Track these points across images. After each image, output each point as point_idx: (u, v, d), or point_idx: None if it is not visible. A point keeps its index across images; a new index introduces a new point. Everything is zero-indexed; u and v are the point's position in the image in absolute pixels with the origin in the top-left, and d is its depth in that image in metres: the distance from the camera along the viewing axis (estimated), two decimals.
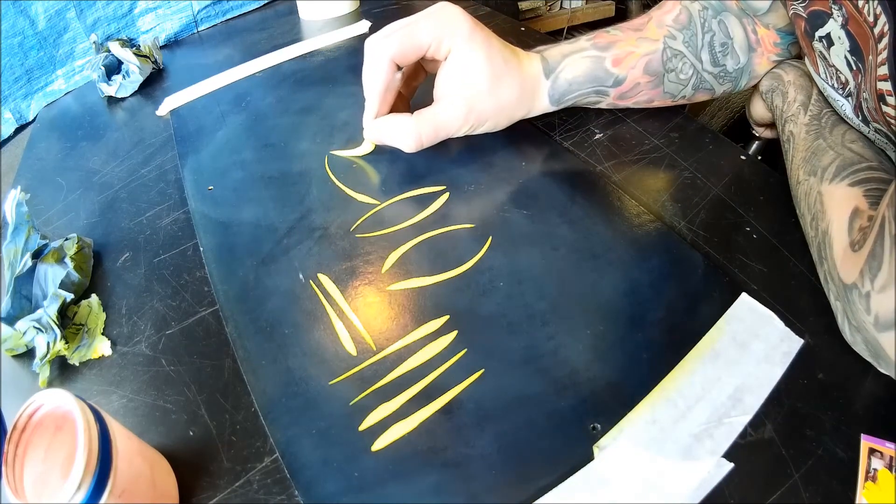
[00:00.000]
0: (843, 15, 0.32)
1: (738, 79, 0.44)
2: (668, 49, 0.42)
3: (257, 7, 0.76)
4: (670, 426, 0.27)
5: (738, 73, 0.43)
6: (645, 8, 1.47)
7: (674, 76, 0.42)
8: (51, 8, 0.60)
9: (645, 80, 0.42)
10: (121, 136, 0.54)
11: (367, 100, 0.41)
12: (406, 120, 0.40)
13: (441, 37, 0.38)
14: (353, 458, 0.27)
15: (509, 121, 0.43)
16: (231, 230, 0.40)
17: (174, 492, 0.26)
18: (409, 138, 0.40)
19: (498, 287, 0.34)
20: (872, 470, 0.25)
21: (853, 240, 0.29)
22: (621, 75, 0.42)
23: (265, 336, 0.33)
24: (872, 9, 0.29)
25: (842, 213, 0.31)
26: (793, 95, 0.40)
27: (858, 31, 0.31)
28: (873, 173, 0.32)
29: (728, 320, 0.32)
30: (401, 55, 0.38)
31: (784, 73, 0.42)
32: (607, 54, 0.41)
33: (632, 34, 0.42)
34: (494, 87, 0.39)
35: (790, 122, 0.39)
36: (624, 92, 0.43)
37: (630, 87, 0.43)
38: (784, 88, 0.41)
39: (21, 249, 0.37)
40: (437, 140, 0.41)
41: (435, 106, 0.40)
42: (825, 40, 0.35)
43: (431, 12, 0.38)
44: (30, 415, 0.22)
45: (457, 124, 0.40)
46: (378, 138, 0.43)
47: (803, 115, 0.39)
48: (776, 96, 0.42)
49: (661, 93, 0.44)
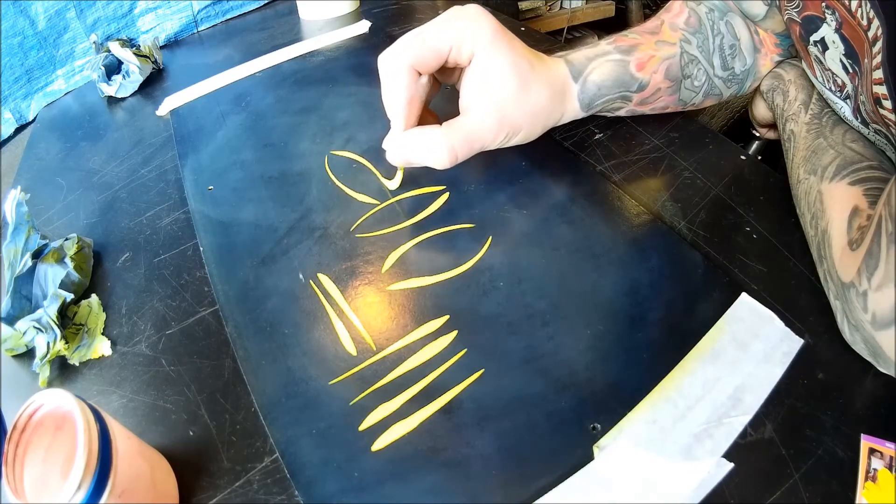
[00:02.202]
0: (837, 19, 0.32)
1: (744, 81, 0.44)
2: (686, 54, 0.41)
3: (257, 7, 0.76)
4: (670, 426, 0.27)
5: (744, 75, 0.43)
6: (645, 8, 1.48)
7: (689, 83, 0.42)
8: (51, 8, 0.60)
9: (665, 85, 0.41)
10: (121, 136, 0.54)
11: (392, 117, 0.36)
12: (436, 132, 0.36)
13: (461, 41, 0.35)
14: (353, 458, 0.27)
15: (543, 128, 0.40)
16: (231, 230, 0.40)
17: (174, 492, 0.26)
18: (441, 152, 0.36)
19: (498, 287, 0.34)
20: (872, 470, 0.25)
21: (852, 238, 0.29)
22: (645, 80, 0.41)
23: (265, 336, 0.33)
24: (865, 12, 0.29)
25: (841, 211, 0.31)
26: (793, 94, 0.40)
27: (853, 34, 0.31)
28: (873, 172, 0.32)
29: (728, 320, 0.32)
30: (419, 60, 0.34)
31: (785, 72, 0.42)
32: (631, 58, 0.40)
33: (650, 38, 0.41)
34: (524, 93, 0.36)
35: (791, 120, 0.39)
36: (645, 98, 0.42)
37: (651, 93, 0.42)
38: (785, 87, 0.41)
39: (21, 249, 0.37)
40: (471, 153, 0.37)
41: (464, 116, 0.37)
42: (819, 45, 0.35)
43: (451, 14, 0.35)
44: (30, 415, 0.22)
45: (491, 134, 0.36)
46: (405, 158, 0.37)
47: (804, 113, 0.39)
48: (777, 95, 0.42)
49: (676, 100, 0.43)
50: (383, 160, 0.44)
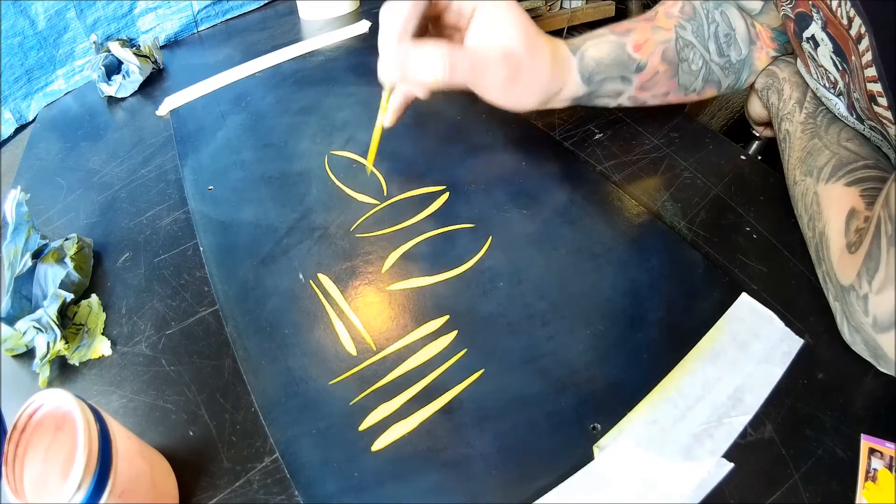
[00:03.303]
0: (822, 18, 0.32)
1: (740, 71, 0.44)
2: (681, 39, 0.42)
3: (257, 7, 0.76)
4: (670, 426, 0.27)
5: (740, 65, 0.43)
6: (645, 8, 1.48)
7: (686, 66, 0.42)
8: (51, 8, 0.60)
9: (663, 68, 0.42)
10: (121, 136, 0.54)
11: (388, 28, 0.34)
12: (439, 42, 0.34)
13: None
14: (353, 458, 0.27)
15: (542, 93, 0.39)
16: (231, 230, 0.40)
17: (174, 492, 0.26)
18: (440, 62, 0.34)
19: (498, 287, 0.34)
20: (872, 470, 0.25)
21: (850, 241, 0.29)
22: (642, 61, 0.41)
23: (265, 336, 0.33)
24: (846, 12, 0.29)
25: (838, 213, 0.31)
26: (788, 93, 0.40)
27: (837, 33, 0.31)
28: (870, 172, 0.32)
29: (728, 320, 0.32)
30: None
31: (779, 70, 0.42)
32: (627, 39, 0.41)
33: (645, 24, 0.42)
34: (530, 46, 0.36)
35: (786, 120, 0.39)
36: (645, 81, 0.42)
37: (650, 76, 0.42)
38: (779, 86, 0.41)
39: (21, 249, 0.37)
40: (471, 77, 0.35)
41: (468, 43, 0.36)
42: (811, 41, 0.35)
43: None
44: (30, 415, 0.22)
45: (494, 63, 0.35)
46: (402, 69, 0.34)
47: (798, 112, 0.39)
48: (772, 93, 0.42)
49: (676, 85, 0.43)
50: (383, 160, 0.44)
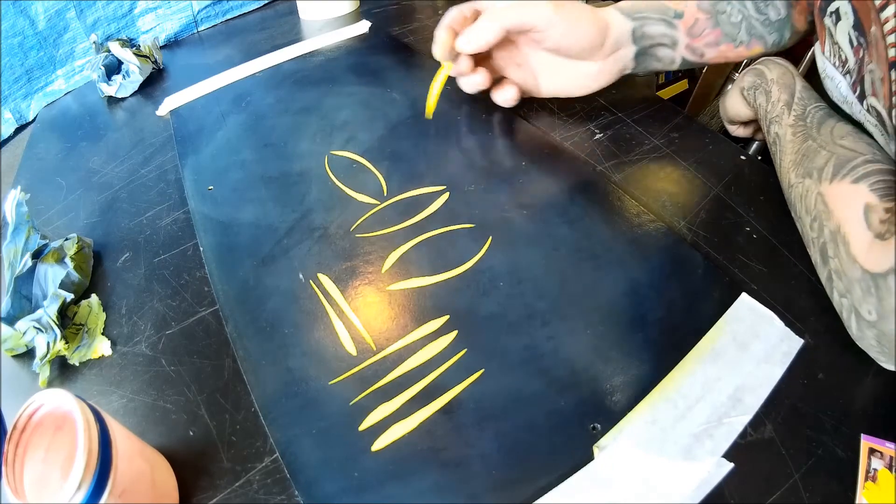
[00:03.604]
0: None
1: (782, 28, 0.44)
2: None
3: (257, 7, 0.76)
4: (670, 426, 0.27)
5: (781, 24, 0.43)
6: None
7: (725, 18, 0.43)
8: (51, 8, 0.60)
9: (702, 15, 0.43)
10: (121, 136, 0.54)
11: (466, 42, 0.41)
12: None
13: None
14: (352, 458, 0.27)
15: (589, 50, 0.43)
16: (231, 230, 0.40)
17: (174, 492, 0.26)
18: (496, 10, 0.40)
19: (498, 287, 0.34)
20: (872, 470, 0.25)
21: (878, 232, 0.29)
22: (679, 9, 0.43)
23: (265, 336, 0.33)
24: None
25: (853, 211, 0.31)
26: (776, 95, 0.40)
27: (860, 4, 0.32)
28: (871, 166, 0.32)
29: (728, 320, 0.32)
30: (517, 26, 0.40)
31: (768, 70, 0.42)
32: None
33: None
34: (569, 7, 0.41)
35: (775, 123, 0.39)
36: (690, 27, 0.43)
37: (692, 22, 0.43)
38: (768, 87, 0.41)
39: (21, 249, 0.37)
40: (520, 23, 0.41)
41: None
42: (834, 16, 0.35)
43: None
44: (30, 415, 0.22)
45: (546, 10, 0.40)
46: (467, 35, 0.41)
47: (787, 115, 0.38)
48: (759, 94, 0.42)
49: (721, 34, 0.44)
50: (383, 160, 0.44)
